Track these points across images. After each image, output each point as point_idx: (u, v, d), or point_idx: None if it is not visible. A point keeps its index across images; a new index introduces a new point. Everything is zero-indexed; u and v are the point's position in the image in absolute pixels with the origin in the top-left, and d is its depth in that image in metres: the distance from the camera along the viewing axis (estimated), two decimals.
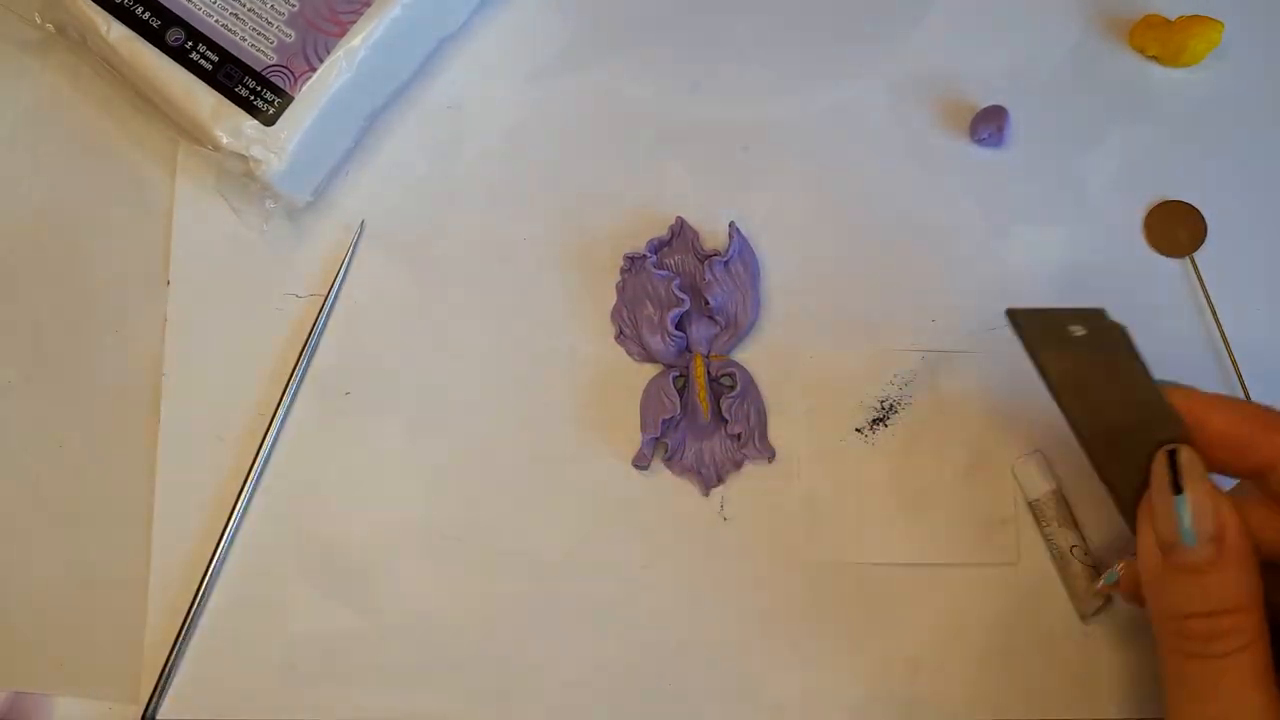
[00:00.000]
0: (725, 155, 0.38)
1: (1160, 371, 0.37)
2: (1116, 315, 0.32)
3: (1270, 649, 0.28)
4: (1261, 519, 0.30)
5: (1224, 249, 0.38)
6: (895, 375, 0.37)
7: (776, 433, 0.36)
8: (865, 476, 0.36)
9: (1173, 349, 0.37)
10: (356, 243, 0.38)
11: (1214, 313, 0.37)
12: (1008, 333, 0.37)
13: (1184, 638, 0.29)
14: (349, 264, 0.37)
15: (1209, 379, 0.37)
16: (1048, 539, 0.35)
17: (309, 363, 0.37)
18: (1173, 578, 0.29)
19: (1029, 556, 0.35)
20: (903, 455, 0.36)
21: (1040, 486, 0.35)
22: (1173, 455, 0.30)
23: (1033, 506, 0.36)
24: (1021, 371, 0.37)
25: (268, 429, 0.36)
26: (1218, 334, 0.37)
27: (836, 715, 0.35)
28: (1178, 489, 0.29)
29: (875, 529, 0.36)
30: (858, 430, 0.36)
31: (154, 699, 0.35)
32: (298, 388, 0.37)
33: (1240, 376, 0.36)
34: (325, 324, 0.37)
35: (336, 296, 0.37)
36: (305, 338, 0.37)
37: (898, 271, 0.37)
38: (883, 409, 0.36)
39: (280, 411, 0.36)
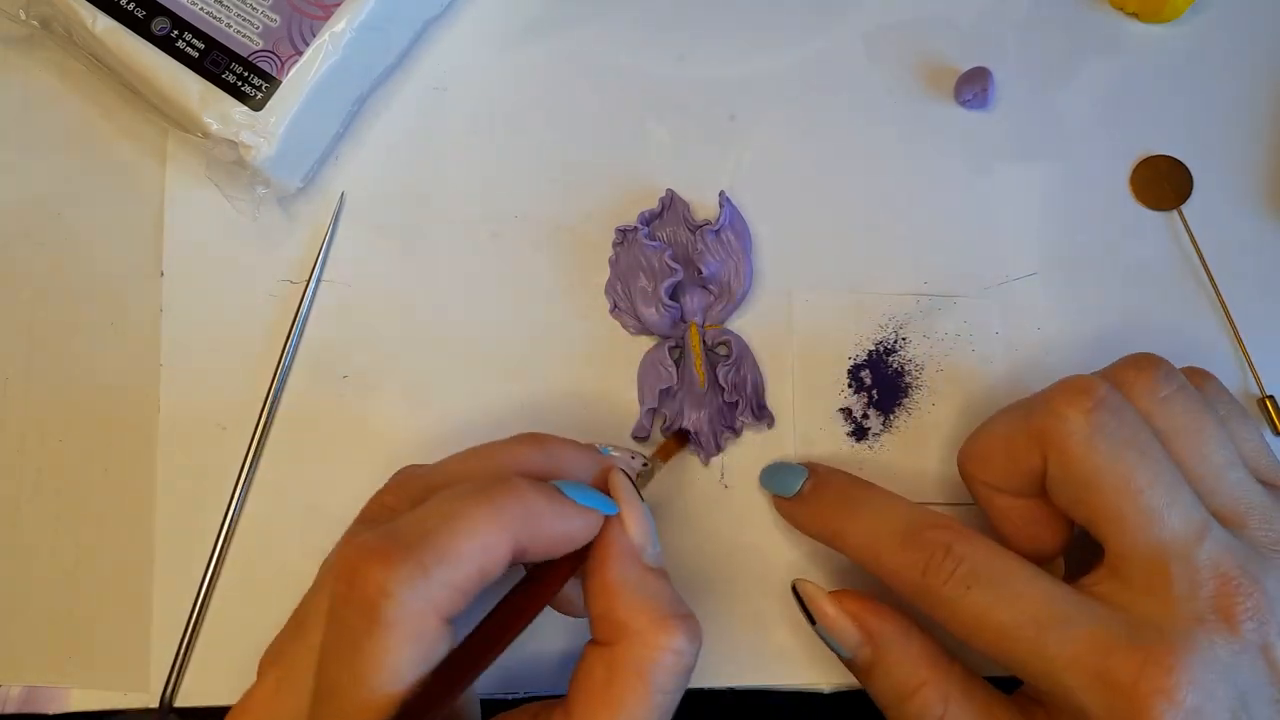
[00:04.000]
0: (712, 125, 0.38)
1: (1157, 326, 0.37)
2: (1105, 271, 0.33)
3: (975, 697, 0.29)
4: (1039, 520, 0.31)
5: (1210, 201, 0.38)
6: (893, 329, 0.37)
7: (775, 399, 0.37)
8: (875, 453, 0.36)
9: (1166, 303, 0.37)
10: (338, 215, 0.38)
11: (1205, 265, 0.37)
12: (1000, 294, 0.37)
13: None
14: (331, 238, 0.38)
15: (1204, 331, 0.37)
16: None
17: (298, 344, 0.37)
18: (864, 685, 0.32)
19: None
20: (909, 429, 0.36)
21: None
22: (795, 590, 0.32)
23: None
24: (1019, 338, 0.37)
25: (265, 415, 0.36)
26: (1210, 286, 0.37)
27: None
28: (811, 620, 0.32)
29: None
30: (851, 395, 0.37)
31: (169, 687, 0.35)
32: (288, 371, 0.37)
33: (1235, 329, 0.37)
34: (312, 304, 0.37)
35: (321, 272, 0.37)
36: (294, 320, 0.37)
37: (889, 236, 0.38)
38: (881, 375, 0.37)
39: (278, 397, 0.37)
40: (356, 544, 0.24)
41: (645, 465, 0.31)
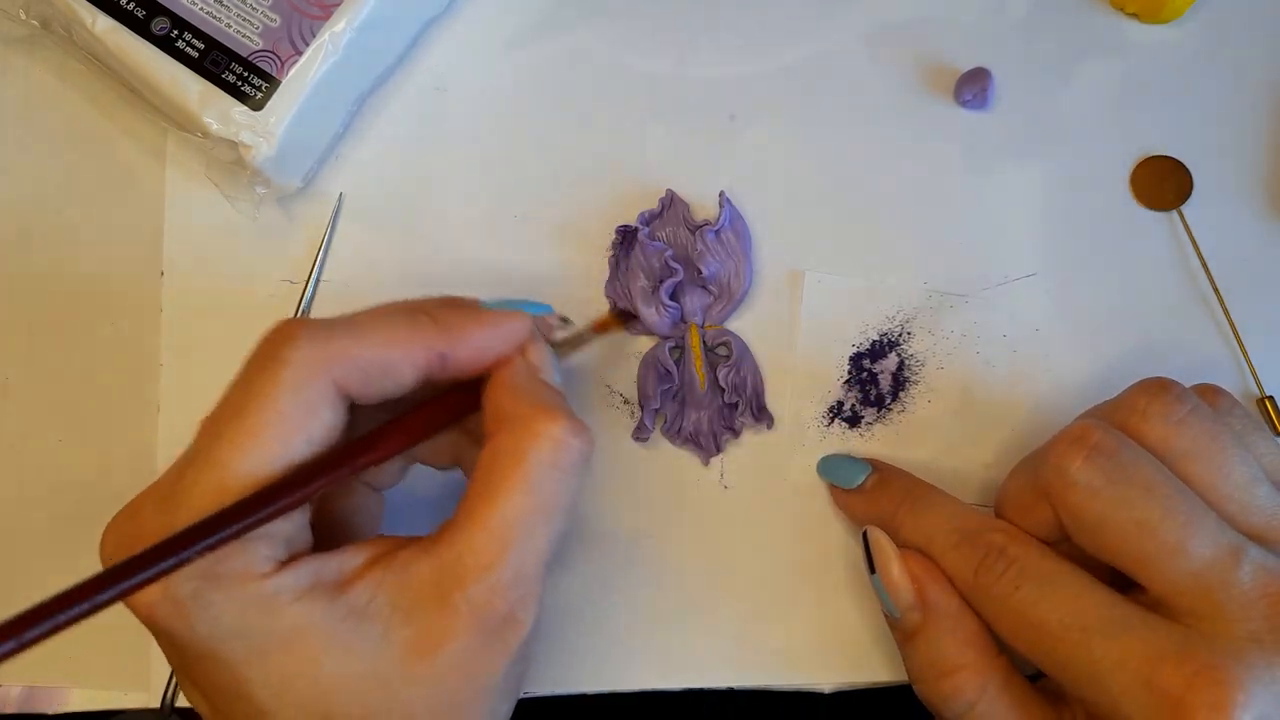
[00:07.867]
0: (712, 125, 0.38)
1: (1156, 326, 0.37)
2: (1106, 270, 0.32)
3: (1013, 692, 0.29)
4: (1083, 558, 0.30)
5: (1210, 202, 0.38)
6: (899, 322, 0.37)
7: (774, 400, 0.37)
8: (865, 441, 0.36)
9: (1165, 303, 0.37)
10: (337, 215, 0.38)
11: (1205, 265, 0.37)
12: (1000, 295, 0.37)
13: (926, 704, 0.30)
14: (330, 238, 0.38)
15: (1204, 332, 0.37)
16: None
17: None
18: (902, 649, 0.31)
19: None
20: (901, 423, 0.36)
21: None
22: (865, 536, 0.32)
23: None
24: (1018, 339, 0.37)
25: None
26: (1210, 286, 0.37)
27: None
28: (872, 568, 0.31)
29: None
30: (848, 395, 0.37)
31: (169, 687, 0.35)
32: None
33: (1235, 329, 0.37)
34: (311, 304, 0.37)
35: (321, 272, 0.37)
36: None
37: (888, 237, 0.38)
38: (880, 376, 0.37)
39: None
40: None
41: (564, 322, 0.32)
